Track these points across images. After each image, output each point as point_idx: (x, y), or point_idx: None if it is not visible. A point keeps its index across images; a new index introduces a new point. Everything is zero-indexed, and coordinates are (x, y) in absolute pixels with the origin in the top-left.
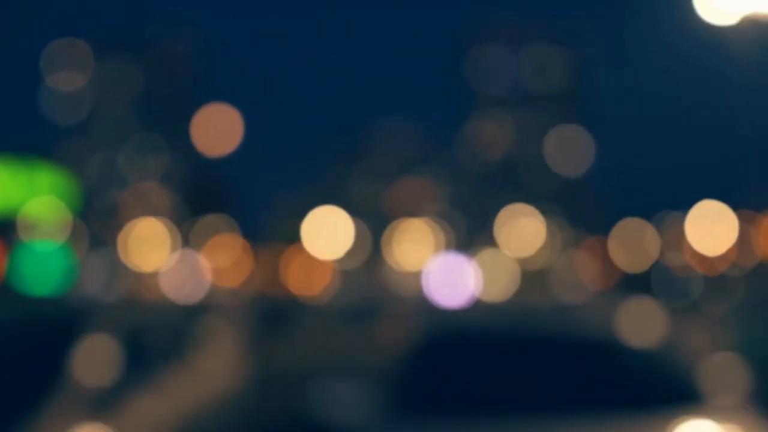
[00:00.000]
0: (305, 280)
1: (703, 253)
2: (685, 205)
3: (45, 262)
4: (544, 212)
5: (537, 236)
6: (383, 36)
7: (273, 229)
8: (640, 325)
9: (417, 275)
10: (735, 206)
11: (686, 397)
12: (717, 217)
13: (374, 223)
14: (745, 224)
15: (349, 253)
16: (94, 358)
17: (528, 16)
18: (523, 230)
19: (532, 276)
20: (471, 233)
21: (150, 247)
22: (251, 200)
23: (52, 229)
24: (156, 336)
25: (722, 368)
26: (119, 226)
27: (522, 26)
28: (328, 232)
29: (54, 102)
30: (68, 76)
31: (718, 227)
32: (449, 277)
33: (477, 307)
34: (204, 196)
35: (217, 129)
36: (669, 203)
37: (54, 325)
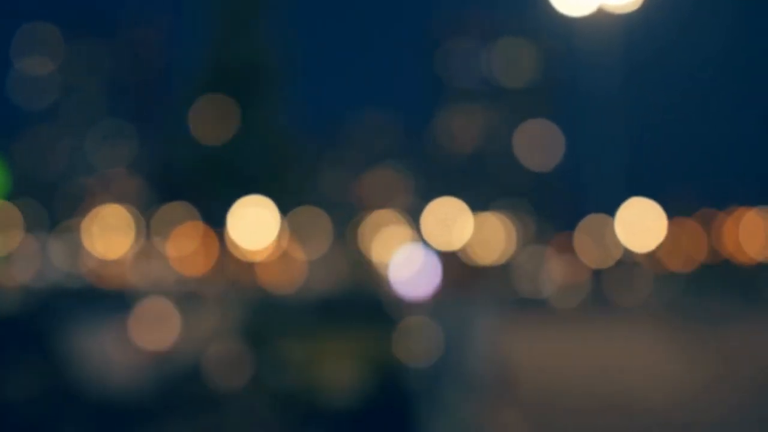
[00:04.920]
0: (273, 271)
1: (633, 249)
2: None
3: None
4: (510, 207)
5: (464, 232)
6: (354, 28)
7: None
8: None
9: (383, 266)
10: (697, 205)
11: None
12: (645, 214)
13: (342, 214)
14: (707, 222)
15: (313, 245)
16: None
17: (498, 10)
18: (449, 226)
19: (497, 271)
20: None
21: (115, 234)
22: (222, 189)
23: None
24: None
25: None
26: (85, 212)
27: (493, 19)
28: (252, 223)
29: (22, 86)
30: (37, 60)
31: (646, 224)
32: (414, 269)
33: None
34: (170, 183)
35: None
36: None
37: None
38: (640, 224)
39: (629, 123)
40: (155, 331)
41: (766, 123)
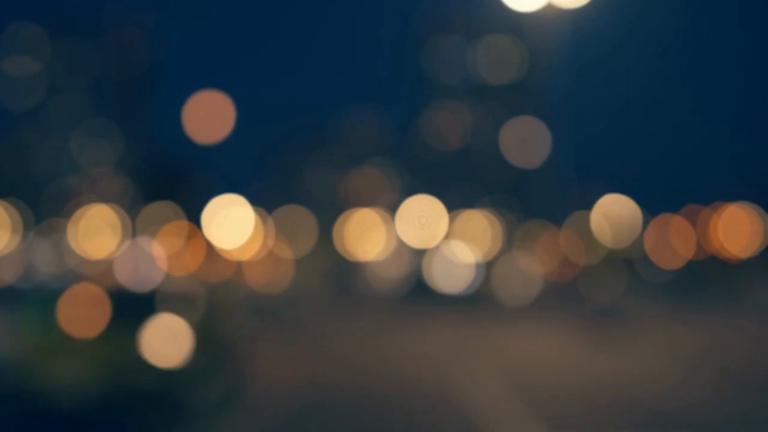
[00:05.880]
0: (260, 269)
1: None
2: (635, 197)
3: None
4: (496, 204)
5: (441, 229)
6: (340, 27)
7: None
8: None
9: (367, 263)
10: (683, 200)
11: None
12: (621, 210)
13: (328, 213)
14: (693, 219)
15: (298, 243)
16: None
17: (484, 7)
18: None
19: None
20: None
21: (101, 233)
22: (207, 188)
23: None
24: None
25: None
26: (70, 212)
27: (478, 17)
28: (228, 222)
29: (7, 87)
30: (23, 60)
31: (622, 220)
32: (396, 266)
33: None
34: (155, 182)
35: (208, 116)
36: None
37: None
38: (619, 221)
39: (615, 121)
40: None
41: (745, 118)
